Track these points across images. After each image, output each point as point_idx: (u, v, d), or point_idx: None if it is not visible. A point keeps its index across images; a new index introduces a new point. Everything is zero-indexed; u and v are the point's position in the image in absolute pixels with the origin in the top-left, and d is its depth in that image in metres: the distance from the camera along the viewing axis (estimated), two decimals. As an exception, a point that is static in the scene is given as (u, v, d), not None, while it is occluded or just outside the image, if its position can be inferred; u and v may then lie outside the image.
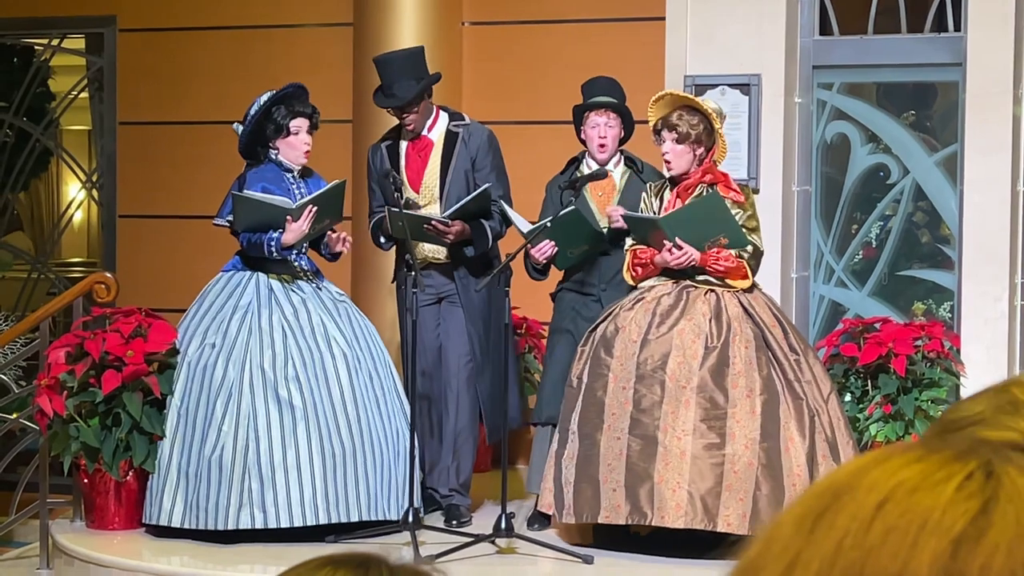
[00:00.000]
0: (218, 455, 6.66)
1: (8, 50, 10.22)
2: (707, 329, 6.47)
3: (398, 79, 6.92)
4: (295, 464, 6.64)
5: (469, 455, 7.17)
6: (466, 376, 7.09)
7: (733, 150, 7.55)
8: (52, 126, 10.11)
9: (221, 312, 6.92)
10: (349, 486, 6.71)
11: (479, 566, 6.37)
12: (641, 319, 6.55)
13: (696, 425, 6.34)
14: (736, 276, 6.54)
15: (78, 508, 7.28)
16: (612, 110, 6.99)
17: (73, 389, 6.91)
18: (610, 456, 6.43)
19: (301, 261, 7.02)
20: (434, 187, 7.09)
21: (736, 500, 6.25)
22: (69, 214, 10.61)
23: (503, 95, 8.53)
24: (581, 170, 7.04)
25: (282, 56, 8.89)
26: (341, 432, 6.74)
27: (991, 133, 7.72)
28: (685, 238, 6.46)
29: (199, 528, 6.69)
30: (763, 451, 6.32)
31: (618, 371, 6.51)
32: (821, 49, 8.23)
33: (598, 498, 6.44)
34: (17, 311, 9.74)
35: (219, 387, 6.75)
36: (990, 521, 0.89)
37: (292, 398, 6.70)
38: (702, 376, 6.39)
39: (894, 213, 8.25)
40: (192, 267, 8.87)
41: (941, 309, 8.14)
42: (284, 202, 6.85)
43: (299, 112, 6.94)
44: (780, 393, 6.42)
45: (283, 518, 6.61)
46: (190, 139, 9.12)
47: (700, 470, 6.29)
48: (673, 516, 6.27)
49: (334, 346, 6.86)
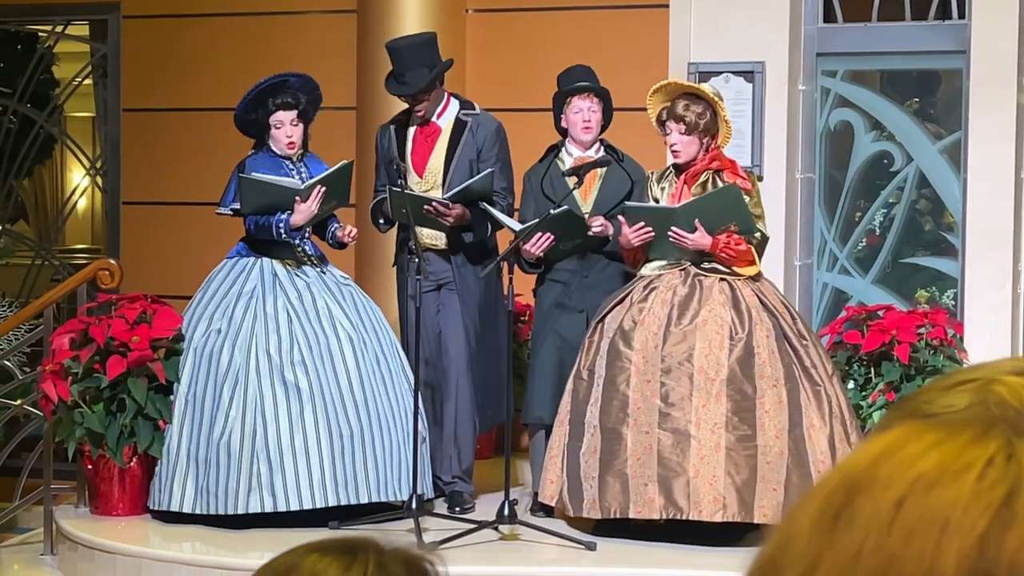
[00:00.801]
0: (226, 440, 6.69)
1: (12, 36, 10.21)
2: (729, 320, 6.46)
3: (411, 67, 6.92)
4: (303, 447, 6.66)
5: (469, 442, 7.17)
6: (465, 363, 7.09)
7: (737, 137, 7.55)
8: (56, 113, 10.11)
9: (226, 298, 6.94)
10: (358, 467, 6.73)
11: (482, 552, 6.38)
12: (660, 311, 6.52)
13: (728, 418, 6.33)
14: (744, 263, 6.54)
15: (82, 494, 7.29)
16: (595, 95, 6.98)
17: (78, 375, 6.92)
18: (639, 451, 6.40)
19: (305, 246, 7.04)
20: (438, 173, 7.09)
21: (770, 491, 6.26)
22: (73, 201, 10.62)
23: (506, 82, 8.52)
24: (561, 158, 7.03)
25: (286, 43, 8.89)
26: (348, 414, 6.76)
27: (995, 120, 7.72)
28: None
29: (210, 514, 6.71)
30: (791, 440, 6.33)
31: (641, 365, 6.48)
32: (825, 36, 8.23)
33: (627, 492, 6.39)
34: (21, 298, 9.74)
35: (226, 373, 6.77)
36: (1014, 513, 0.86)
37: (299, 382, 6.72)
38: (731, 367, 6.38)
39: (898, 201, 8.25)
40: (196, 254, 8.88)
41: (944, 297, 8.15)
42: (292, 183, 6.88)
43: (280, 105, 6.94)
44: (799, 381, 6.43)
45: (293, 501, 6.63)
46: (194, 126, 9.12)
47: (735, 462, 6.28)
48: (710, 510, 6.26)
49: (339, 329, 6.87)
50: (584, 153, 6.99)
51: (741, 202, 6.49)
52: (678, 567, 6.17)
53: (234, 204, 6.98)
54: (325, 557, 1.69)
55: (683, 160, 6.65)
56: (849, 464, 0.92)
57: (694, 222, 6.45)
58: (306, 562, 1.69)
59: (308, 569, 1.67)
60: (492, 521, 6.51)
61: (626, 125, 7.44)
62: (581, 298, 6.96)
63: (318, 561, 1.68)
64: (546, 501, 6.74)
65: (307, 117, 7.03)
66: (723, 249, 6.48)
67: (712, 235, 6.46)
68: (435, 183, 7.08)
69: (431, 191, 7.05)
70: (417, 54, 6.95)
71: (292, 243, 6.97)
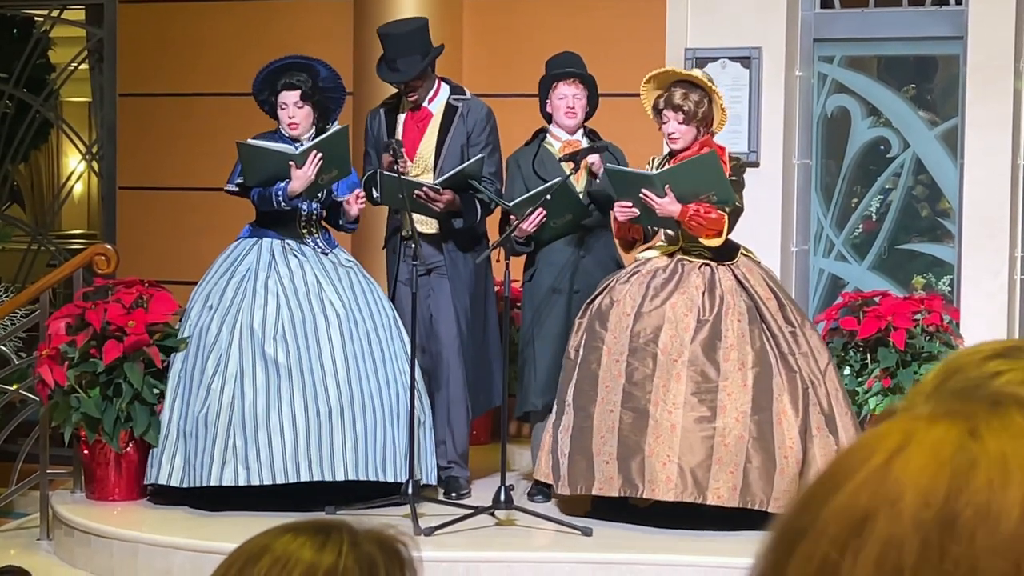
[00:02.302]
0: (205, 413, 6.73)
1: (8, 21, 10.20)
2: (699, 303, 6.50)
3: (403, 53, 6.92)
4: (278, 421, 6.68)
5: (463, 426, 7.18)
6: (456, 348, 7.10)
7: (733, 123, 7.55)
8: (52, 97, 10.09)
9: (223, 278, 6.98)
10: (336, 444, 6.72)
11: (478, 538, 6.38)
12: (636, 292, 6.59)
13: (687, 398, 6.36)
14: (710, 232, 6.51)
15: (78, 479, 7.29)
16: (580, 81, 7.00)
17: (74, 360, 6.93)
18: (603, 429, 6.47)
19: (312, 224, 7.05)
20: (429, 158, 7.09)
21: (726, 473, 6.28)
22: (69, 186, 10.61)
23: (503, 68, 8.51)
24: (549, 142, 7.04)
25: (282, 28, 8.87)
26: (329, 391, 6.75)
27: (992, 107, 7.71)
28: (676, 194, 6.47)
29: (192, 487, 6.73)
30: (755, 424, 6.34)
31: (612, 344, 6.54)
32: (822, 22, 8.22)
33: (592, 470, 6.47)
34: (17, 283, 9.74)
35: (211, 347, 6.82)
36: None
37: (277, 356, 6.75)
38: (693, 350, 6.42)
39: (894, 187, 8.25)
40: (192, 239, 8.88)
41: (941, 283, 8.15)
42: (287, 149, 6.89)
43: (285, 86, 6.97)
44: (773, 366, 6.44)
45: (266, 474, 6.65)
46: (190, 111, 9.11)
47: (690, 443, 6.32)
48: (663, 489, 6.30)
49: (328, 308, 6.88)
50: (571, 138, 7.00)
51: (719, 170, 6.49)
52: (675, 552, 6.17)
53: (239, 179, 7.01)
54: (299, 537, 1.70)
55: (680, 147, 6.68)
56: (853, 470, 0.96)
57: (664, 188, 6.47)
58: (279, 542, 1.69)
59: (281, 549, 1.68)
60: (488, 507, 6.52)
61: (624, 110, 7.43)
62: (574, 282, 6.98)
63: (291, 541, 1.69)
64: (540, 478, 6.77)
65: (313, 100, 7.04)
66: (692, 217, 6.48)
67: (687, 203, 6.47)
68: (426, 167, 7.08)
69: (422, 176, 7.05)
70: (409, 40, 6.94)
71: (298, 219, 6.98)
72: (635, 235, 6.80)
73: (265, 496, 6.68)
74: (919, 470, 0.92)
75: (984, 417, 0.94)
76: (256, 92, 7.06)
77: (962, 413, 0.95)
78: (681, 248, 6.67)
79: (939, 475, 0.91)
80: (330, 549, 1.67)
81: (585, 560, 6.21)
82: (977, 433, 0.93)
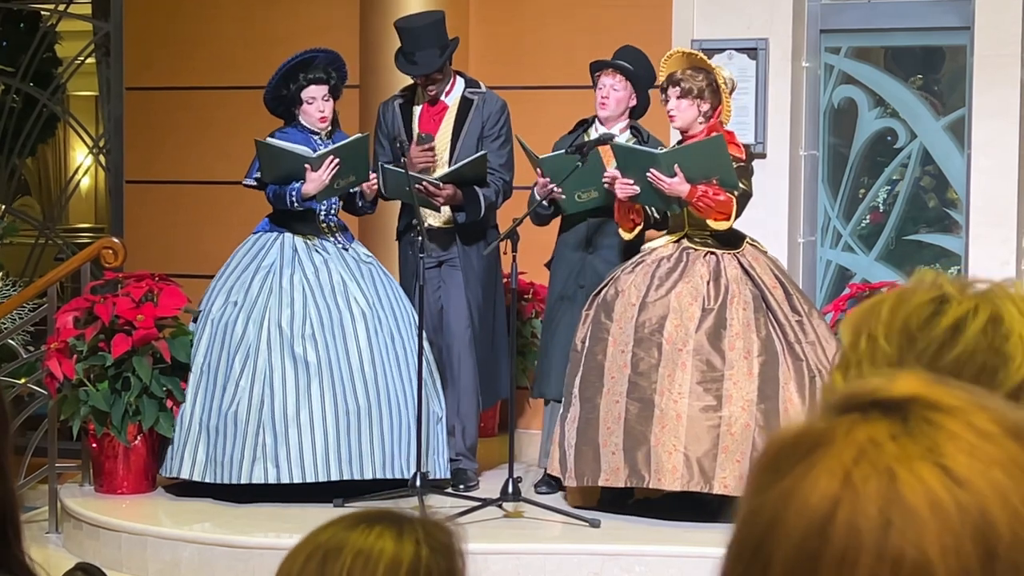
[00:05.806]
0: (234, 410, 6.75)
1: (15, 15, 10.21)
2: (704, 291, 6.50)
3: (422, 46, 6.95)
4: (308, 420, 6.70)
5: (473, 419, 7.19)
6: (467, 340, 7.11)
7: (740, 115, 7.55)
8: (59, 91, 10.10)
9: (246, 272, 7.00)
10: (364, 443, 6.76)
11: (486, 530, 6.38)
12: (640, 282, 6.58)
13: (692, 387, 6.36)
14: (719, 215, 6.52)
15: (87, 472, 7.30)
16: (620, 72, 7.00)
17: (83, 353, 6.94)
18: (609, 419, 6.47)
19: (331, 220, 7.07)
20: (444, 151, 7.11)
21: (733, 462, 6.28)
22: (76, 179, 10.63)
23: (510, 60, 8.51)
24: (588, 133, 7.05)
25: (289, 21, 8.87)
26: (357, 390, 6.78)
27: (999, 97, 7.70)
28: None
29: (217, 483, 6.77)
30: (760, 413, 6.33)
31: (617, 334, 6.54)
32: (829, 13, 8.21)
33: (598, 461, 6.47)
34: (25, 277, 9.75)
35: (238, 344, 6.83)
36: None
37: (307, 355, 6.77)
38: (698, 339, 6.42)
39: (901, 177, 8.24)
40: (199, 232, 8.89)
41: (948, 273, 8.13)
42: (304, 151, 6.90)
43: (312, 80, 6.98)
44: (779, 354, 6.43)
45: (296, 473, 6.67)
46: (197, 104, 9.11)
47: (696, 432, 6.31)
48: (670, 479, 6.30)
49: (354, 306, 6.91)
50: (604, 130, 7.01)
51: (724, 153, 6.50)
52: (682, 544, 6.17)
53: (257, 174, 7.03)
54: (374, 528, 1.68)
55: (679, 125, 6.71)
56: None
57: (674, 168, 6.48)
58: (354, 536, 1.68)
59: (361, 542, 1.66)
60: (496, 499, 6.53)
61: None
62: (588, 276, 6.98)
63: (367, 533, 1.67)
64: (551, 471, 6.77)
65: (337, 93, 7.07)
66: (700, 198, 6.48)
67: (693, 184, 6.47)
68: (442, 160, 7.10)
69: (436, 168, 7.07)
70: (428, 34, 6.98)
71: (316, 216, 7.00)
72: (635, 216, 6.80)
73: (273, 489, 6.70)
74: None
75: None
76: (273, 87, 7.04)
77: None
78: (686, 235, 6.67)
79: None
80: (408, 538, 1.68)
81: (593, 552, 6.22)
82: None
